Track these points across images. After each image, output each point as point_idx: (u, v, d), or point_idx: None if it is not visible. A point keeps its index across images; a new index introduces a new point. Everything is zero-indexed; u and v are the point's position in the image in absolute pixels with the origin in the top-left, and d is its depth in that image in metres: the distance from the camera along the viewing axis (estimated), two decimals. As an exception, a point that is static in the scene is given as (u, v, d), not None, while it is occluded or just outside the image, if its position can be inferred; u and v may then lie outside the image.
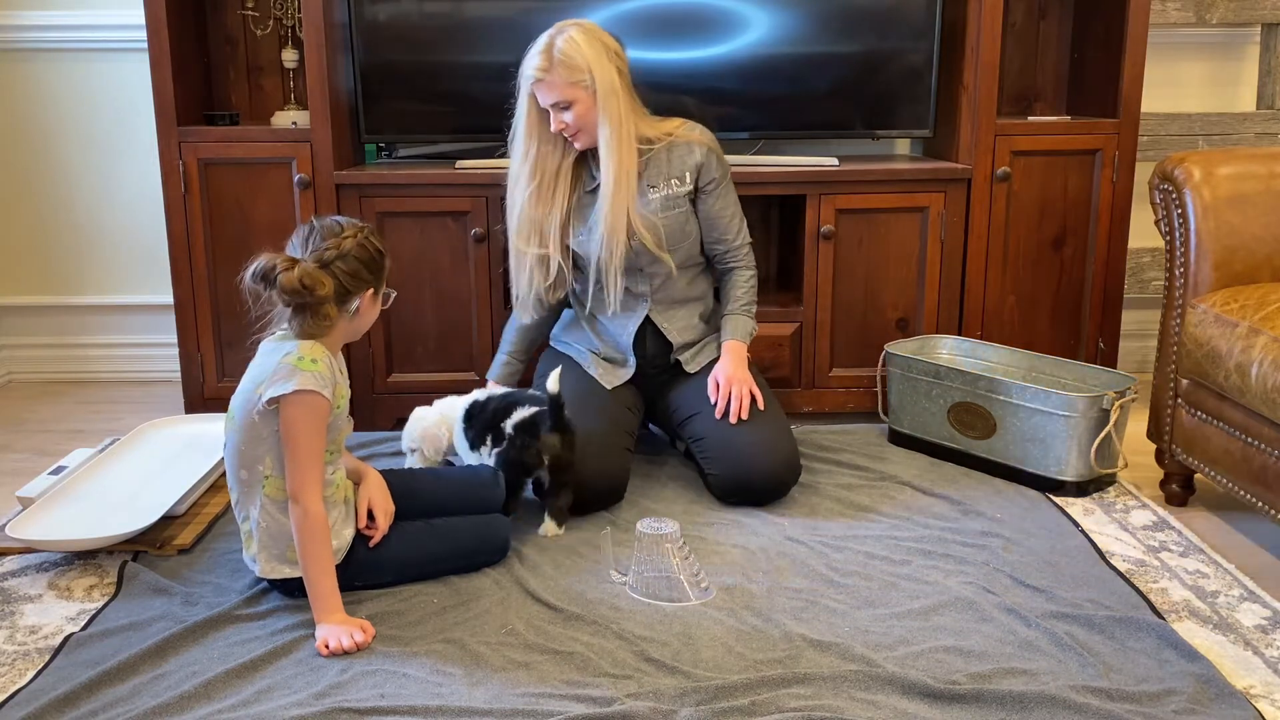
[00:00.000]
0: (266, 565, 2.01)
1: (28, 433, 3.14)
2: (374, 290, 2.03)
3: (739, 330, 2.61)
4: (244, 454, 1.98)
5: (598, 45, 2.41)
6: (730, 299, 2.64)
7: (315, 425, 1.93)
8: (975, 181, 3.01)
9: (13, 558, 2.25)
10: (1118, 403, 2.53)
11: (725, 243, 2.62)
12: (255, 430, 1.96)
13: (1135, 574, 2.19)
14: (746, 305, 2.64)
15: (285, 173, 2.96)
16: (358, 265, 1.97)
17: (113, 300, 3.57)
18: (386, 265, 2.05)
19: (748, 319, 2.63)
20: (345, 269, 1.95)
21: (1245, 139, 3.41)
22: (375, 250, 2.00)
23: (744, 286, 2.64)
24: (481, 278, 3.00)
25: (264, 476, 1.98)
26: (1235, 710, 1.72)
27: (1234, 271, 2.47)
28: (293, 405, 1.91)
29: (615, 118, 2.42)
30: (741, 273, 2.65)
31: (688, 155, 2.54)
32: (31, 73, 3.42)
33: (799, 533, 2.35)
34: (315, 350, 1.96)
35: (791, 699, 1.73)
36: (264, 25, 3.17)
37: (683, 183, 2.54)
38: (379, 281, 2.03)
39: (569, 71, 2.38)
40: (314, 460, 1.93)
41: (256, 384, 1.95)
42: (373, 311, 2.06)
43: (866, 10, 3.05)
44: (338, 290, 1.95)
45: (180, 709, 1.72)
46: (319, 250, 1.94)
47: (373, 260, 2.00)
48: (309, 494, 1.92)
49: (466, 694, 1.76)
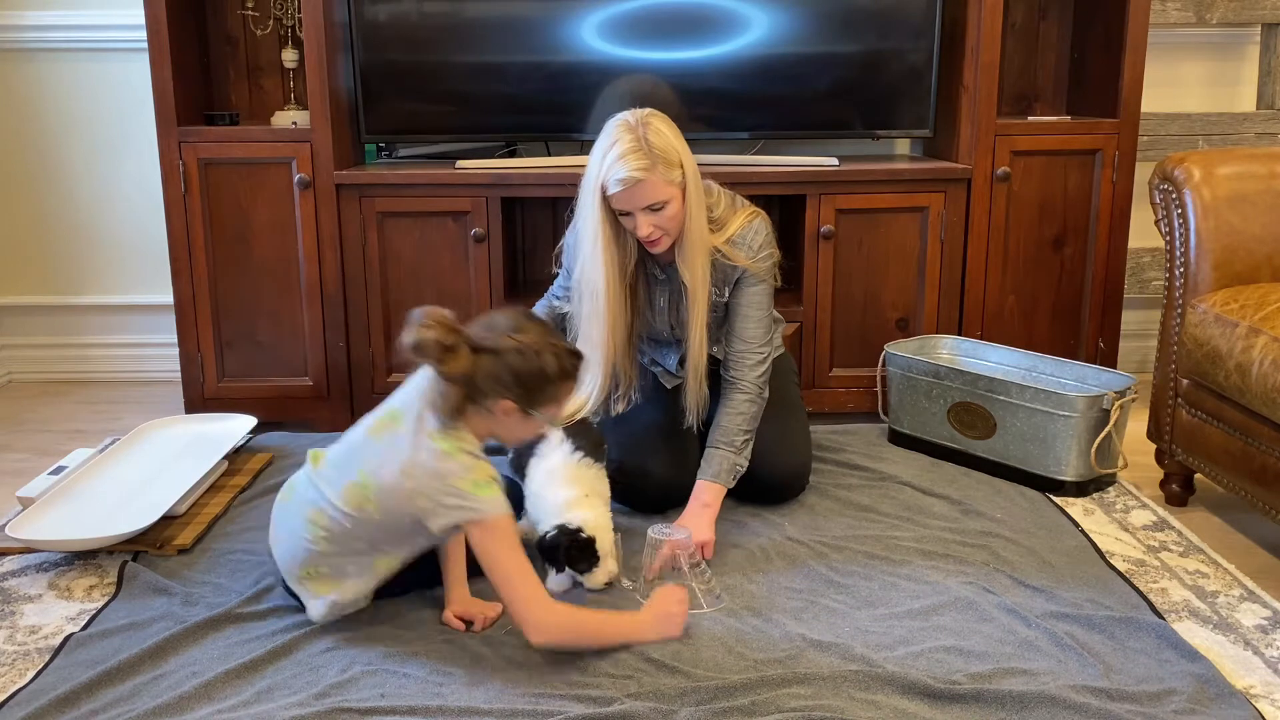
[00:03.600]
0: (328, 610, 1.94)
1: (28, 433, 3.14)
2: (519, 406, 1.83)
3: (723, 471, 2.28)
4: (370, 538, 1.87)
5: (678, 132, 2.21)
6: (719, 429, 2.31)
7: (511, 542, 1.80)
8: (975, 181, 3.01)
9: (13, 558, 2.25)
10: (1118, 403, 2.53)
11: (736, 341, 2.34)
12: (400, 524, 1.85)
13: (1135, 574, 2.18)
14: (740, 441, 2.30)
15: (285, 173, 2.96)
16: (504, 370, 1.78)
17: (113, 300, 3.57)
18: (551, 391, 1.84)
19: (737, 457, 2.30)
20: (489, 368, 1.78)
21: (1245, 139, 3.41)
22: (538, 370, 1.80)
23: (739, 415, 2.31)
24: (481, 278, 3.00)
25: (385, 553, 1.92)
26: (1235, 710, 1.71)
27: (1234, 271, 2.47)
28: (483, 535, 1.79)
29: (700, 215, 2.22)
30: (740, 395, 2.32)
31: (730, 272, 2.33)
32: (31, 73, 3.42)
33: (799, 533, 2.35)
34: (482, 471, 1.80)
35: (791, 699, 1.73)
36: (264, 25, 3.17)
37: (721, 295, 2.35)
38: (530, 401, 1.83)
39: (667, 168, 2.15)
40: (522, 576, 1.79)
41: (402, 473, 1.80)
42: (521, 427, 1.87)
43: (866, 10, 3.04)
44: (467, 378, 1.78)
45: (180, 709, 1.72)
46: (489, 335, 1.80)
47: (528, 375, 1.80)
48: (538, 611, 1.79)
49: (467, 694, 1.76)
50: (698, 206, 2.22)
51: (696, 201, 2.21)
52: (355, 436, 1.93)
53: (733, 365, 2.35)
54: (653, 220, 2.18)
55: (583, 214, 2.25)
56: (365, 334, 3.03)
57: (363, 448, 1.89)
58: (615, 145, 2.15)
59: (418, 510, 1.81)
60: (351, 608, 1.96)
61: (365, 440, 1.89)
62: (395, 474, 1.81)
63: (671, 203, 2.17)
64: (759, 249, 2.33)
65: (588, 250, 2.25)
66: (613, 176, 2.14)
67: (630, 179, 2.13)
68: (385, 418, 1.89)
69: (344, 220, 2.97)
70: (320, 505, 1.88)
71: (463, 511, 1.78)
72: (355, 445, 1.91)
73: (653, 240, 2.21)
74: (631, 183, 2.13)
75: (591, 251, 2.24)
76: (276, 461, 2.75)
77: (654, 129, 2.17)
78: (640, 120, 2.18)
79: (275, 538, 1.99)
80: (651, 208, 2.17)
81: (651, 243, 2.22)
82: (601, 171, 2.17)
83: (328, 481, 1.89)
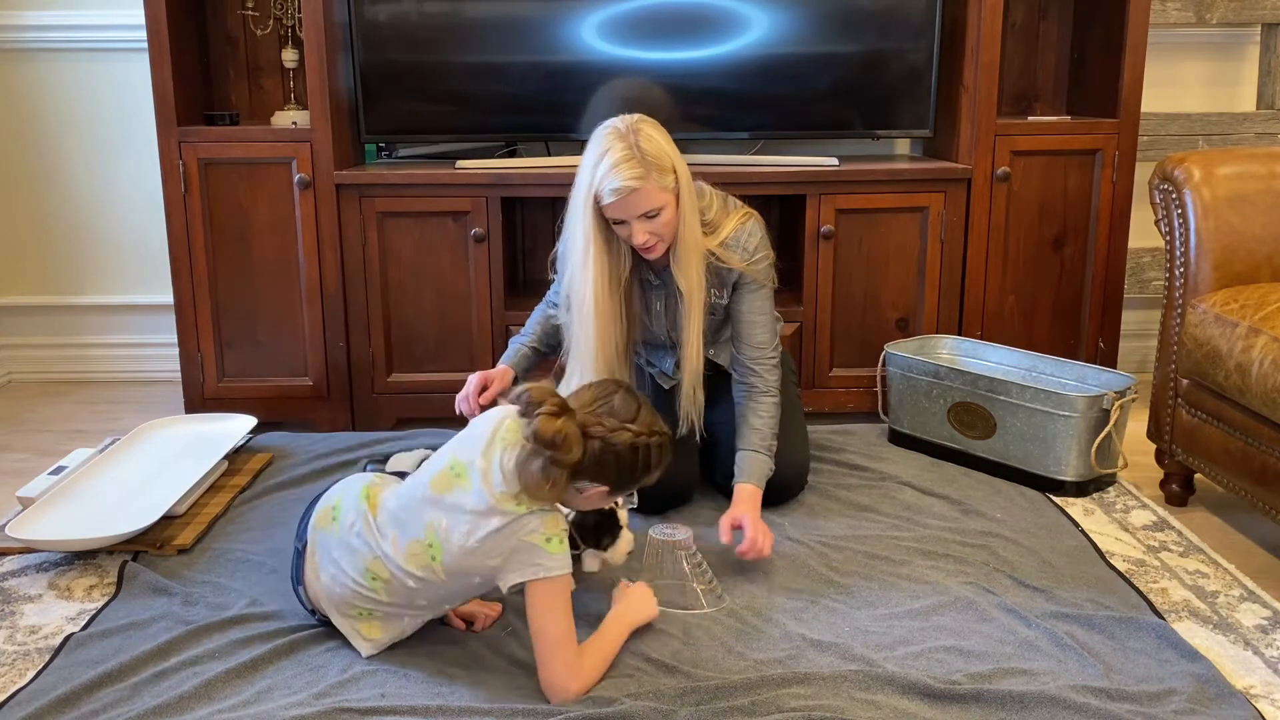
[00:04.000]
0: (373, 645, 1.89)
1: (28, 433, 3.14)
2: (610, 490, 1.82)
3: (755, 473, 2.30)
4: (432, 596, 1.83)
5: (668, 136, 2.18)
6: (749, 430, 2.33)
7: (564, 606, 1.76)
8: (975, 181, 3.01)
9: (13, 558, 2.25)
10: (1118, 403, 2.53)
11: (747, 349, 2.35)
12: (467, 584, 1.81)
13: (1135, 574, 2.18)
14: (768, 443, 2.33)
15: (285, 173, 2.96)
16: (613, 461, 1.77)
17: (113, 300, 3.57)
18: (642, 478, 1.83)
19: (767, 459, 2.32)
20: (598, 453, 1.75)
21: (1245, 139, 3.41)
22: (644, 461, 1.79)
23: (765, 417, 2.33)
24: (481, 278, 3.00)
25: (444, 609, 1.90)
26: (1235, 710, 1.71)
27: (1234, 271, 2.47)
28: (542, 593, 1.74)
29: (694, 220, 2.21)
30: (762, 400, 2.34)
31: (727, 274, 2.33)
32: (31, 73, 3.42)
33: (799, 533, 2.35)
34: (554, 524, 1.76)
35: (791, 699, 1.73)
36: (264, 25, 3.17)
37: (721, 296, 2.35)
38: (622, 487, 1.84)
39: (660, 175, 2.12)
40: (568, 641, 1.75)
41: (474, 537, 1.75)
42: (599, 502, 1.87)
43: (866, 10, 3.05)
44: (577, 465, 1.74)
45: (180, 709, 1.72)
46: (596, 418, 1.77)
47: (633, 467, 1.79)
48: (568, 676, 1.74)
49: (467, 694, 1.76)
50: (691, 211, 2.20)
51: (690, 206, 2.19)
52: (417, 490, 1.82)
53: (750, 372, 2.35)
54: (648, 228, 2.15)
55: (573, 224, 2.21)
56: (365, 334, 3.03)
57: (426, 504, 1.79)
58: (607, 154, 2.11)
59: (489, 568, 1.76)
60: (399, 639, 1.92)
61: (429, 496, 1.80)
62: (466, 537, 1.75)
63: (666, 209, 2.14)
64: (754, 251, 2.31)
65: (578, 260, 2.21)
66: (607, 186, 2.10)
67: (625, 188, 2.09)
68: (448, 472, 1.80)
69: (344, 220, 2.97)
70: (381, 558, 1.80)
71: (534, 569, 1.73)
72: (418, 500, 1.81)
73: (648, 247, 2.19)
74: (626, 192, 2.10)
75: (583, 262, 2.20)
76: (276, 461, 2.75)
77: (645, 135, 2.13)
78: (630, 127, 2.14)
79: (320, 561, 1.87)
80: (646, 215, 2.13)
81: (647, 250, 2.20)
82: (594, 181, 2.12)
83: (387, 536, 1.81)
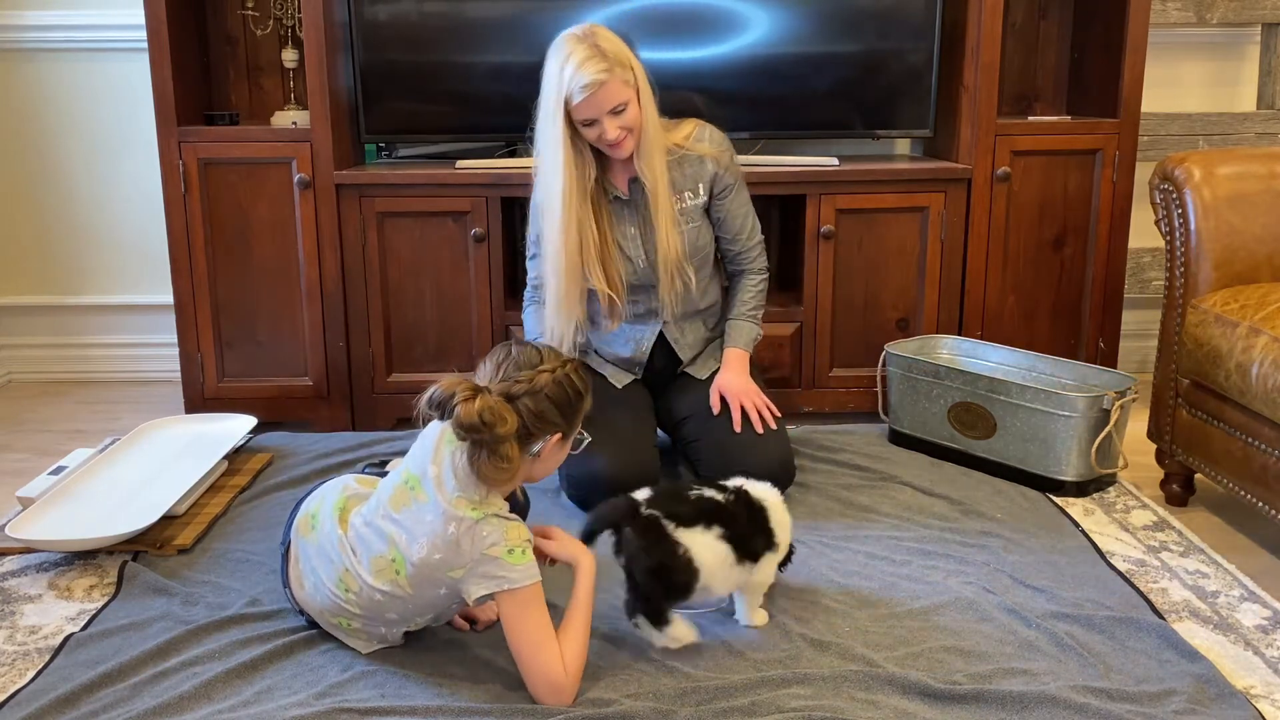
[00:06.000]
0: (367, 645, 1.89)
1: (28, 433, 3.14)
2: (562, 435, 1.79)
3: (742, 337, 2.55)
4: (402, 610, 1.81)
5: (623, 39, 2.30)
6: (737, 303, 2.57)
7: (539, 609, 1.72)
8: (975, 181, 3.01)
9: (13, 558, 2.25)
10: (1118, 403, 2.53)
11: (739, 242, 2.54)
12: (433, 597, 1.78)
13: (1135, 574, 2.19)
14: (753, 311, 2.57)
15: (285, 173, 2.96)
16: (548, 405, 1.73)
17: (113, 300, 3.57)
18: (583, 407, 1.81)
19: (753, 325, 2.57)
20: (533, 407, 1.72)
21: (1245, 139, 3.41)
22: (573, 390, 1.77)
23: (752, 290, 2.57)
24: (481, 278, 3.00)
25: (416, 622, 1.86)
26: (1235, 710, 1.72)
27: (1234, 271, 2.47)
28: (509, 604, 1.72)
29: (654, 114, 2.33)
30: (751, 277, 2.58)
31: (700, 169, 2.45)
32: (31, 73, 3.42)
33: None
34: (516, 534, 1.73)
35: (791, 699, 1.73)
36: (264, 25, 3.17)
37: (696, 195, 2.46)
38: (570, 426, 1.80)
39: (623, 70, 2.24)
40: (546, 648, 1.71)
41: (433, 548, 1.72)
42: (558, 456, 1.83)
43: (866, 10, 3.05)
44: (520, 430, 1.72)
45: (180, 709, 1.72)
46: (509, 381, 1.73)
47: (567, 401, 1.76)
48: (558, 677, 1.71)
49: (467, 694, 1.76)
50: (650, 105, 2.32)
51: (649, 100, 2.31)
52: (379, 508, 1.81)
53: (741, 259, 2.57)
54: (618, 123, 2.26)
55: (543, 138, 2.31)
56: (365, 334, 3.03)
57: (387, 521, 1.78)
58: (571, 56, 2.23)
59: (451, 580, 1.74)
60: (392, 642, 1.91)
61: (388, 513, 1.78)
62: (425, 549, 1.73)
63: (630, 104, 2.27)
64: (720, 142, 2.48)
65: (549, 169, 2.31)
66: (576, 84, 2.21)
67: (595, 82, 2.20)
68: (403, 486, 1.79)
69: (344, 220, 2.97)
70: (351, 571, 1.80)
71: (497, 582, 1.71)
72: (380, 517, 1.79)
73: (618, 142, 2.29)
74: (596, 86, 2.21)
75: (553, 169, 2.31)
76: (276, 461, 2.75)
77: (602, 35, 2.26)
78: (586, 31, 2.27)
79: (303, 570, 1.88)
80: (614, 110, 2.25)
81: (617, 145, 2.30)
82: (563, 85, 2.23)
83: (356, 552, 1.80)
